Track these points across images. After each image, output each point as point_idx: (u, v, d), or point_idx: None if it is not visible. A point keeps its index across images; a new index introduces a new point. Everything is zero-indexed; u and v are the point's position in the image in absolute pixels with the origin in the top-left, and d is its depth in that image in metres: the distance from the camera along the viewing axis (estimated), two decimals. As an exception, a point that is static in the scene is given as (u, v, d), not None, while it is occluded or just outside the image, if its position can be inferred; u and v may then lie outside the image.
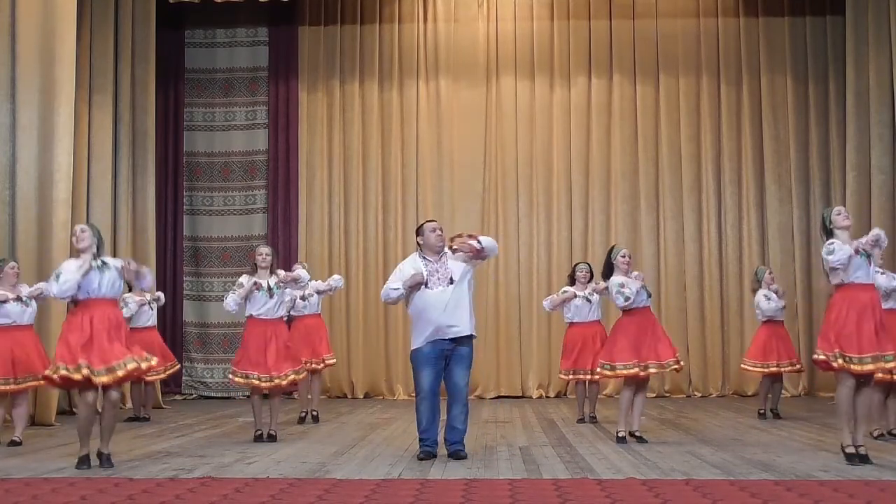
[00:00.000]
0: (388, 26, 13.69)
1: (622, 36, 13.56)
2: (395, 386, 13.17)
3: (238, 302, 8.08)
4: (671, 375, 12.34)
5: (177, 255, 13.61)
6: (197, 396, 13.33)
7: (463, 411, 7.01)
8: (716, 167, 13.43)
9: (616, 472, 6.26)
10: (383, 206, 13.51)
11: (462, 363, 7.01)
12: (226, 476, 6.13)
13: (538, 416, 10.38)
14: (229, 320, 13.30)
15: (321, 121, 13.63)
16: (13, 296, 8.08)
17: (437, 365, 7.00)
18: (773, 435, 8.42)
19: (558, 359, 10.11)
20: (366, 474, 6.19)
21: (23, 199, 9.79)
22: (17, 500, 5.27)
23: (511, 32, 13.60)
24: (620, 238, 13.13)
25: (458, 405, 7.01)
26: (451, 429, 6.99)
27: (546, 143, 13.52)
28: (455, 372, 7.01)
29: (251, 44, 13.86)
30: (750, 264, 12.91)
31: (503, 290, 13.32)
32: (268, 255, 8.27)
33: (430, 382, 7.00)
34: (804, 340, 12.90)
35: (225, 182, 13.71)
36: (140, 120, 12.30)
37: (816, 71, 13.36)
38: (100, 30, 11.47)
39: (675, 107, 13.49)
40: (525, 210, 13.48)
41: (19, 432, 8.03)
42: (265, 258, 8.22)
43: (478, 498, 5.25)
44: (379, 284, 13.29)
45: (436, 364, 6.99)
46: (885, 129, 11.91)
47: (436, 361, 6.99)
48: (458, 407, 7.01)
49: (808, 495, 5.24)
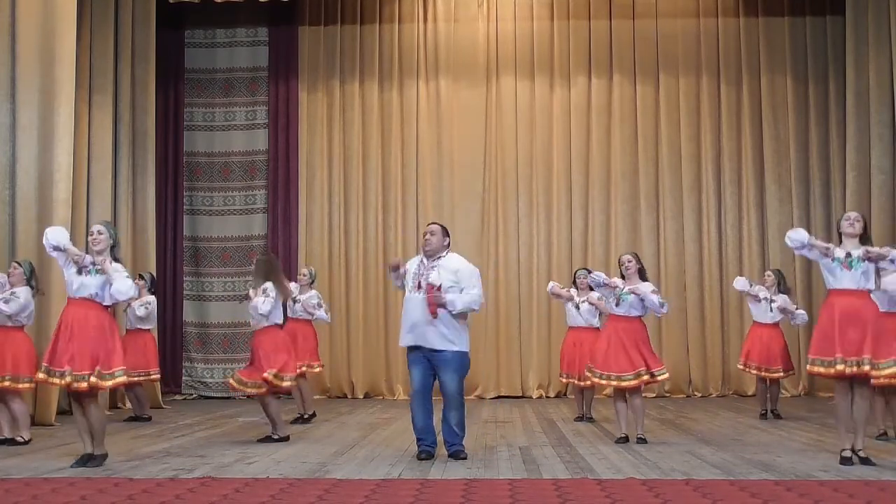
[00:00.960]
0: (388, 26, 13.69)
1: (622, 36, 13.56)
2: (395, 386, 13.16)
3: (273, 306, 8.05)
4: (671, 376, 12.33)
5: (177, 255, 13.60)
6: (197, 396, 13.33)
7: (456, 414, 6.98)
8: (716, 167, 13.43)
9: (616, 472, 6.26)
10: (383, 206, 13.51)
11: (447, 367, 6.96)
12: (226, 476, 6.13)
13: (538, 416, 10.38)
14: (229, 320, 13.31)
15: (321, 121, 13.63)
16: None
17: (422, 364, 7.00)
18: (773, 435, 8.42)
19: (558, 359, 10.19)
20: (366, 474, 6.19)
21: (23, 199, 9.78)
22: (17, 500, 5.27)
23: (511, 32, 13.60)
24: (620, 238, 13.15)
25: (450, 409, 6.99)
26: (448, 431, 6.99)
27: (546, 143, 13.52)
28: (442, 377, 6.99)
29: (251, 44, 13.86)
30: (750, 264, 12.92)
31: (503, 290, 13.31)
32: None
33: (418, 381, 7.02)
34: (804, 340, 12.88)
35: (225, 182, 13.71)
36: (140, 120, 12.30)
37: (816, 71, 13.36)
38: (100, 30, 11.47)
39: (675, 107, 13.49)
40: (525, 210, 13.48)
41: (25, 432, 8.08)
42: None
43: (478, 498, 5.25)
44: (379, 284, 13.35)
45: (420, 364, 7.00)
46: (885, 129, 11.92)
47: (418, 362, 7.01)
48: (449, 410, 6.99)
49: (808, 495, 5.24)
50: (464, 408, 7.12)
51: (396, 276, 7.11)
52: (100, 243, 6.59)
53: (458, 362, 6.98)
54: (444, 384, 6.99)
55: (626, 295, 7.86)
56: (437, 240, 7.06)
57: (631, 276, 7.99)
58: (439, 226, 7.18)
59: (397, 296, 13.21)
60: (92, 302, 6.54)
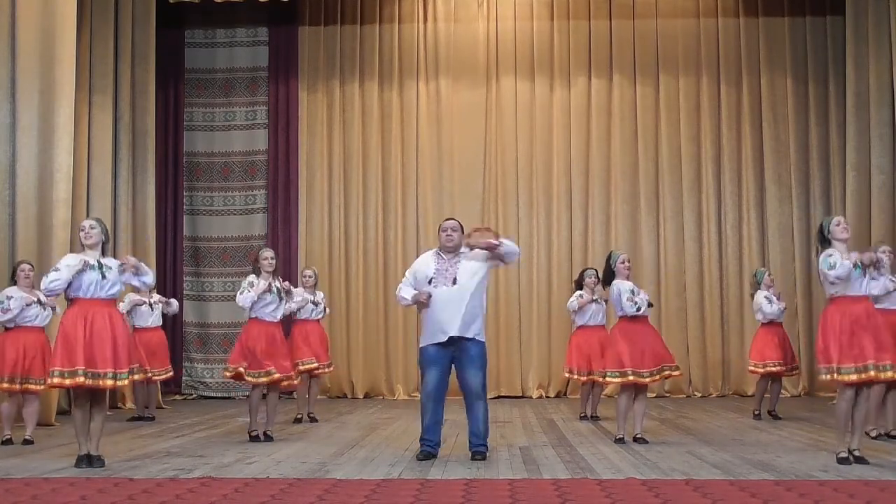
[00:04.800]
0: (388, 26, 13.69)
1: (622, 36, 13.56)
2: (395, 386, 13.16)
3: (253, 300, 8.05)
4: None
5: (177, 255, 13.60)
6: (197, 396, 13.33)
7: (482, 413, 6.97)
8: (716, 167, 13.43)
9: (616, 472, 6.26)
10: (383, 207, 13.51)
11: (473, 364, 6.96)
12: (226, 476, 6.13)
13: (538, 416, 10.38)
14: (229, 320, 13.30)
15: (321, 121, 13.63)
16: (34, 298, 8.10)
17: (442, 365, 6.97)
18: (773, 435, 8.42)
19: (558, 359, 10.25)
20: (366, 474, 6.19)
21: (23, 199, 9.79)
22: (17, 500, 5.27)
23: (511, 32, 13.60)
24: (620, 238, 13.14)
25: (477, 407, 6.97)
26: (476, 430, 6.96)
27: (546, 143, 13.53)
28: (467, 373, 6.97)
29: (251, 44, 13.87)
30: (750, 264, 12.91)
31: (503, 290, 13.31)
32: (273, 258, 8.26)
33: (434, 383, 6.99)
34: (804, 340, 12.90)
35: (225, 182, 13.71)
36: (140, 120, 12.30)
37: (816, 71, 13.36)
38: (100, 30, 11.47)
39: (675, 107, 13.49)
40: (525, 210, 13.48)
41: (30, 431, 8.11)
42: (271, 262, 8.20)
43: (478, 498, 5.25)
44: (379, 284, 13.35)
45: (440, 364, 6.97)
46: (885, 129, 11.91)
47: (440, 361, 6.97)
48: (476, 408, 6.97)
49: (808, 495, 5.24)
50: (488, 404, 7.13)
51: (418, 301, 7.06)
52: (91, 237, 6.60)
53: (483, 357, 7.03)
54: (468, 381, 6.97)
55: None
56: (459, 236, 7.11)
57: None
58: (458, 222, 7.20)
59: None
60: (113, 301, 6.66)
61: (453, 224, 7.15)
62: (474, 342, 6.97)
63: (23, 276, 8.21)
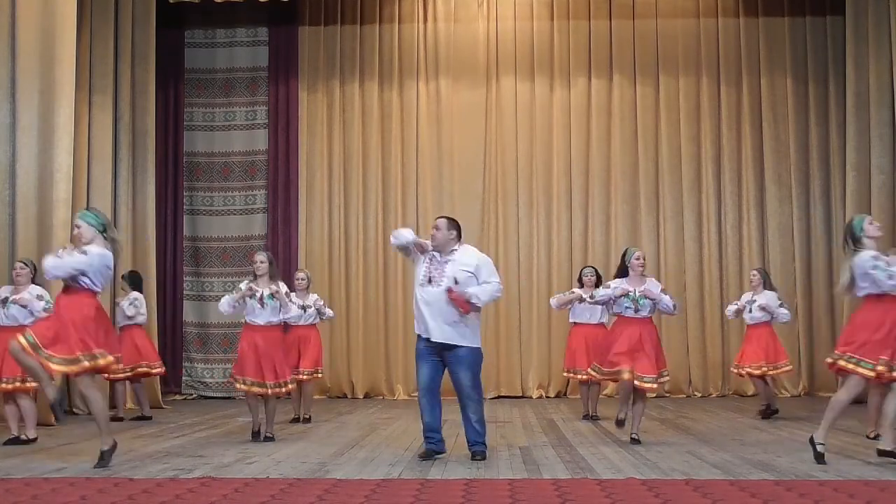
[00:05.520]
0: (388, 26, 13.68)
1: (622, 36, 13.56)
2: (395, 386, 13.16)
3: (231, 304, 8.07)
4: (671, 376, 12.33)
5: (177, 255, 13.60)
6: (197, 396, 13.33)
7: (476, 410, 6.97)
8: (716, 167, 13.43)
9: (616, 472, 6.26)
10: (383, 207, 13.51)
11: (460, 364, 6.94)
12: (226, 476, 6.13)
13: (538, 416, 10.38)
14: (229, 320, 13.24)
15: (321, 121, 13.63)
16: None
17: (431, 361, 6.97)
18: (773, 435, 8.42)
19: (558, 359, 10.26)
20: (366, 474, 6.19)
21: (23, 199, 9.79)
22: (17, 500, 5.27)
23: (511, 32, 13.59)
24: (620, 238, 13.14)
25: (469, 406, 6.98)
26: (469, 429, 6.98)
27: (546, 143, 13.52)
28: (456, 374, 6.97)
29: (251, 44, 13.86)
30: (750, 264, 12.90)
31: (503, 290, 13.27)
32: (262, 262, 8.18)
33: (426, 377, 7.00)
34: (804, 341, 12.91)
35: (225, 182, 13.71)
36: (140, 120, 12.30)
37: (816, 71, 13.36)
38: (100, 30, 11.47)
39: (675, 107, 13.49)
40: (525, 210, 13.48)
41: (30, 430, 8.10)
42: (260, 266, 8.15)
43: (478, 498, 5.25)
44: (379, 284, 13.36)
45: (429, 360, 6.97)
46: (885, 129, 11.92)
47: (429, 358, 6.97)
48: (468, 408, 6.98)
49: (808, 495, 5.25)
50: (482, 403, 7.11)
51: (412, 251, 7.01)
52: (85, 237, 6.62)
53: (472, 358, 6.97)
54: (458, 381, 6.97)
55: (642, 299, 7.86)
56: (443, 234, 7.00)
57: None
58: (446, 219, 7.08)
59: (397, 295, 13.26)
60: (90, 293, 6.70)
61: (437, 223, 7.07)
62: (460, 346, 6.93)
63: (14, 275, 8.21)
